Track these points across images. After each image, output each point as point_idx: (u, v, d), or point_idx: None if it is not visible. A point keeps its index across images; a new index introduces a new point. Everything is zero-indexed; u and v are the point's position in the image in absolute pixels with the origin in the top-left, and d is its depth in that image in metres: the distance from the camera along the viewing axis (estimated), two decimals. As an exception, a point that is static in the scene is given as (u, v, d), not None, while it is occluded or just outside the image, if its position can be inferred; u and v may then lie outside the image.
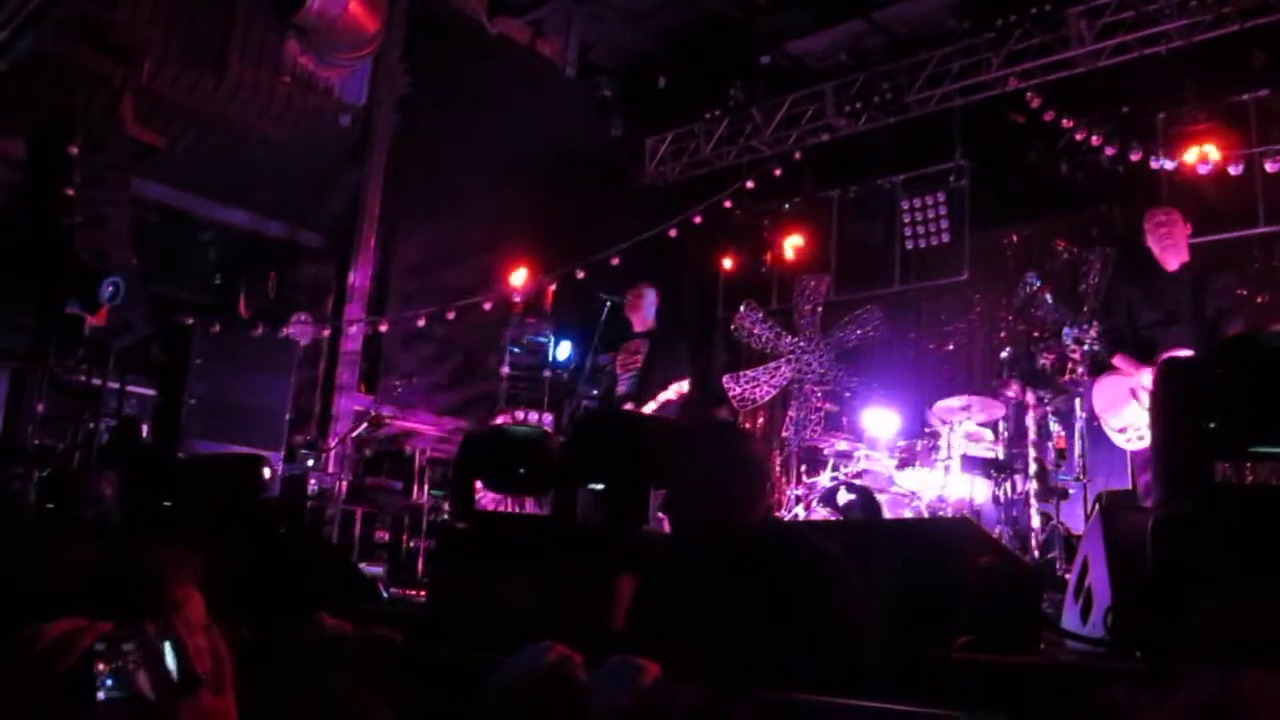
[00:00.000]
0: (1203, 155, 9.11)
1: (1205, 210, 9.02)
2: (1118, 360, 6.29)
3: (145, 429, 8.74)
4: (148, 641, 1.39)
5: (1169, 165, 9.24)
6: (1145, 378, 6.02)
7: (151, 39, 9.43)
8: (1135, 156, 9.33)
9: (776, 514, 8.66)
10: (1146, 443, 6.01)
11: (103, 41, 9.22)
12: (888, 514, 7.95)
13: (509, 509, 8.10)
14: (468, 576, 4.58)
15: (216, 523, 4.89)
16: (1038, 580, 4.13)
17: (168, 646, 1.38)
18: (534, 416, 9.71)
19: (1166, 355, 5.76)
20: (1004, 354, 9.73)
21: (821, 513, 8.24)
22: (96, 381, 8.08)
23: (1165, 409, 3.30)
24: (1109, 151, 9.50)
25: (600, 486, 4.51)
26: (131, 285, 7.75)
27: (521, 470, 4.81)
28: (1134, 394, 6.15)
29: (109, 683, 1.36)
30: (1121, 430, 6.29)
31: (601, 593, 3.31)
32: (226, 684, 1.45)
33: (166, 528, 6.05)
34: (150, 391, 9.08)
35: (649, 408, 7.62)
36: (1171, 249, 6.25)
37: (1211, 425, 2.94)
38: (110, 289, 7.46)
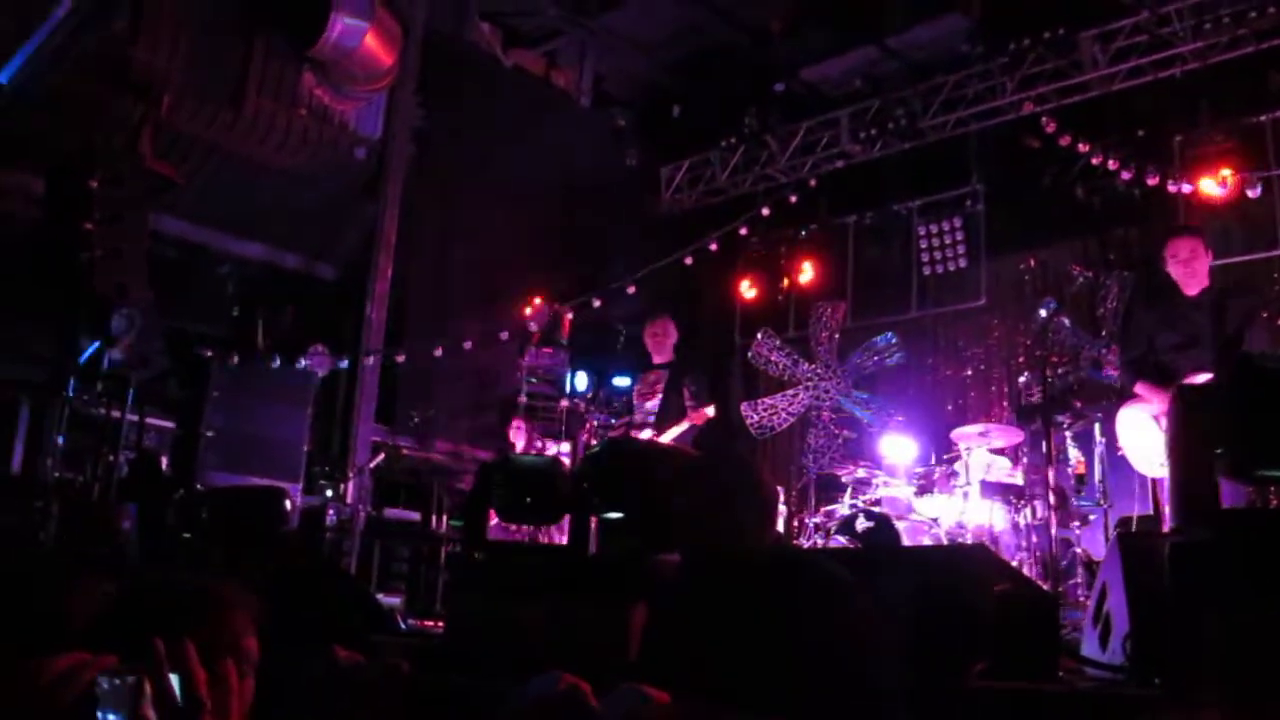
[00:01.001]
0: (1220, 178, 9.06)
1: (1223, 232, 8.98)
2: (1139, 388, 6.23)
3: (164, 461, 8.77)
4: (153, 676, 1.39)
5: (1186, 188, 9.19)
6: (1165, 404, 5.98)
7: (170, 74, 9.52)
8: (1152, 180, 9.28)
9: (790, 542, 8.61)
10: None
11: (122, 77, 9.31)
12: (907, 541, 7.90)
13: (541, 538, 8.10)
14: (483, 607, 4.57)
15: (238, 554, 4.91)
16: (1055, 607, 4.09)
17: (175, 680, 1.38)
18: (551, 446, 9.70)
19: (1185, 381, 5.73)
20: (1022, 379, 9.70)
21: (840, 540, 8.19)
22: (115, 414, 8.12)
23: (1178, 435, 3.29)
24: (1125, 175, 9.46)
25: (616, 515, 4.50)
26: (147, 318, 7.79)
27: (529, 500, 4.80)
28: (1157, 421, 6.10)
29: (111, 717, 1.36)
30: (1144, 458, 6.24)
31: (616, 621, 3.30)
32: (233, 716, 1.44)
33: (187, 560, 6.06)
34: (169, 424, 9.12)
35: (667, 437, 7.62)
36: (1191, 279, 6.19)
37: (1219, 450, 2.93)
38: (122, 322, 7.50)
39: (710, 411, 7.75)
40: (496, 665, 3.60)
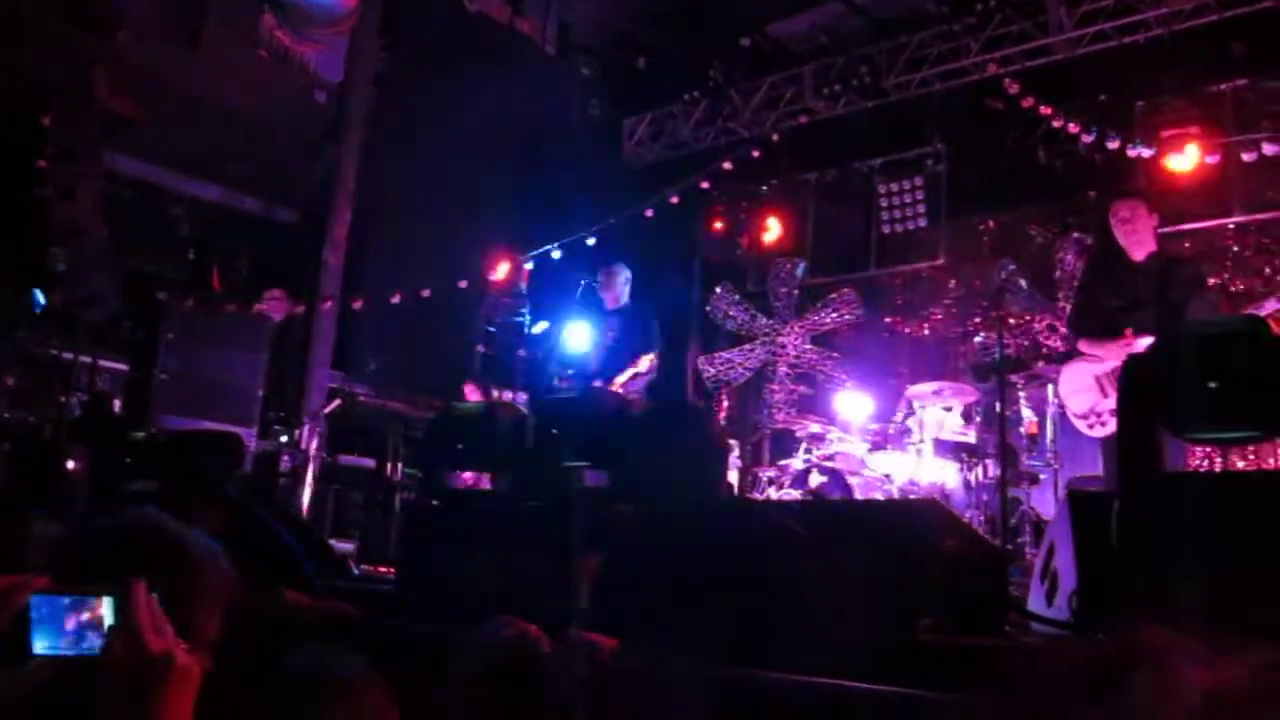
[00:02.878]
0: (1180, 144, 9.14)
1: (1181, 199, 9.06)
2: (1083, 345, 6.31)
3: (117, 404, 8.70)
4: (88, 595, 1.38)
5: (1146, 153, 9.25)
6: (1108, 364, 6.05)
7: (126, 9, 9.34)
8: (1113, 144, 9.34)
9: (745, 494, 8.67)
10: (1108, 429, 6.04)
11: (77, 11, 9.13)
12: (860, 496, 7.98)
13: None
14: (435, 554, 4.58)
15: (192, 498, 4.88)
16: (1003, 563, 4.15)
17: (106, 603, 1.37)
18: (508, 395, 9.69)
19: (1128, 342, 5.82)
20: (978, 339, 9.79)
21: (794, 494, 8.26)
22: (67, 355, 8.04)
23: (1123, 398, 3.36)
24: (1086, 139, 9.51)
25: (581, 465, 4.51)
26: (96, 257, 7.70)
27: (461, 446, 4.81)
28: (1098, 381, 6.17)
29: (45, 635, 1.36)
30: (1083, 416, 6.31)
31: (566, 570, 3.31)
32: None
33: (136, 503, 6.02)
34: (122, 366, 9.03)
35: (617, 382, 7.61)
36: (1135, 242, 6.24)
37: (1159, 413, 3.01)
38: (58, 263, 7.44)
39: (654, 359, 7.72)
40: (447, 612, 3.61)
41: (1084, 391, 6.27)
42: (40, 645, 1.35)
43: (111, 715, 1.23)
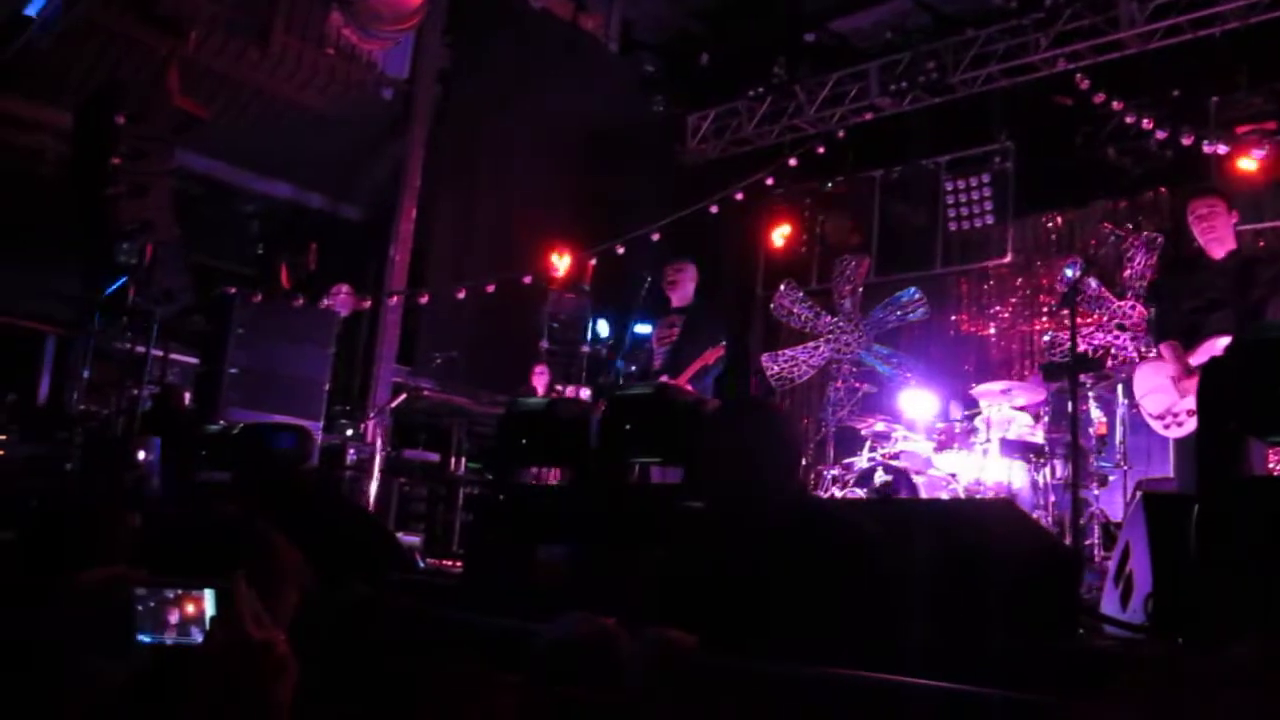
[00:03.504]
0: (1256, 140, 8.95)
1: (1257, 196, 8.89)
2: (1164, 348, 6.19)
3: (187, 397, 8.84)
4: (190, 587, 1.40)
5: (1221, 150, 9.08)
6: (1184, 366, 5.95)
7: (197, 9, 9.48)
8: (1186, 141, 9.16)
9: (812, 492, 8.62)
10: (1184, 430, 5.94)
11: (149, 12, 9.28)
12: (925, 495, 7.91)
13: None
14: (503, 547, 4.60)
15: (262, 490, 4.95)
16: (1079, 564, 4.10)
17: (208, 595, 1.40)
18: (571, 390, 9.71)
19: (1208, 343, 5.70)
20: (1046, 338, 9.66)
21: (858, 493, 8.20)
22: (140, 349, 8.17)
23: (1203, 400, 3.31)
24: (1159, 136, 9.34)
25: (648, 460, 4.50)
26: (170, 253, 7.83)
27: (525, 442, 4.83)
28: (1174, 382, 6.07)
29: (147, 625, 1.38)
30: (1159, 417, 6.20)
31: (634, 564, 3.32)
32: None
33: (207, 494, 6.12)
34: (193, 360, 9.17)
35: (684, 378, 7.58)
36: (1215, 240, 6.11)
37: (1238, 416, 2.95)
38: (131, 253, 7.56)
39: (720, 353, 7.66)
40: (513, 605, 3.62)
41: (1159, 392, 6.16)
42: (144, 636, 1.38)
43: (216, 703, 1.25)
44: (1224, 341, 5.66)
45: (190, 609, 1.40)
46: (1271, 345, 3.03)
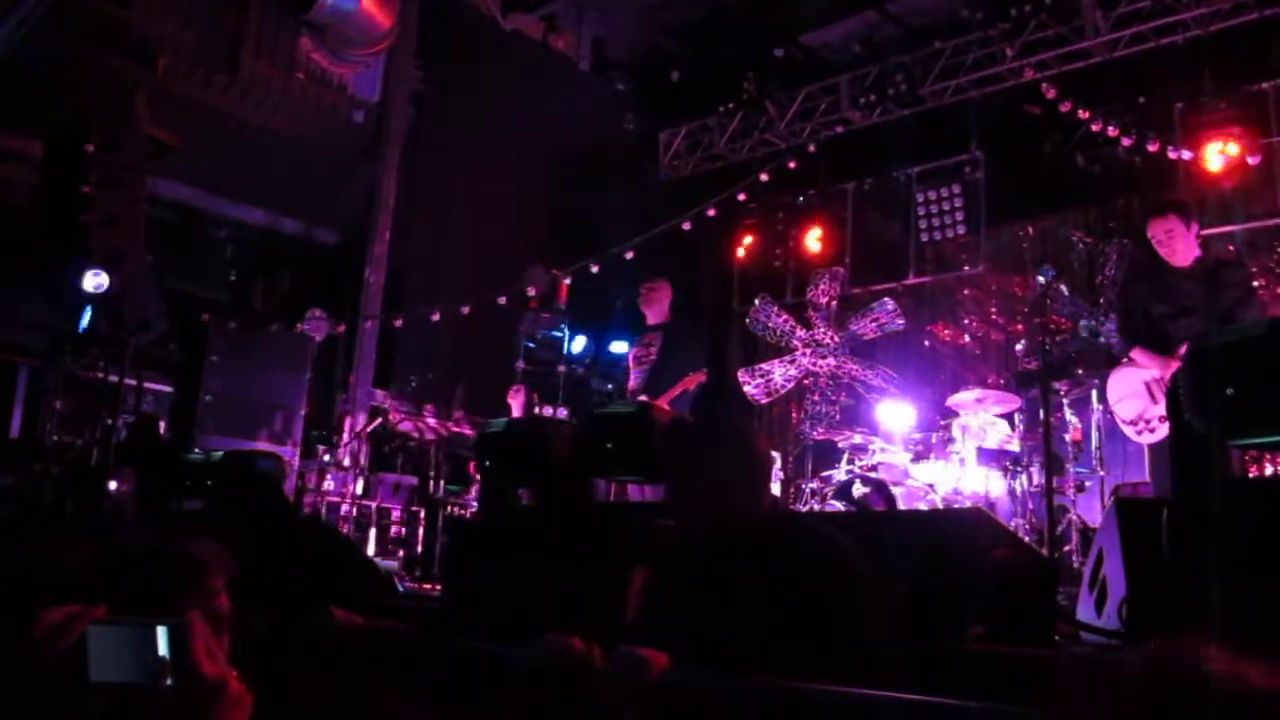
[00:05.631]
0: (1221, 146, 9.03)
1: (1224, 201, 8.96)
2: (1136, 353, 6.22)
3: (162, 426, 8.79)
4: (144, 626, 1.40)
5: (1187, 156, 9.16)
6: (1157, 371, 5.99)
7: (165, 37, 9.47)
8: (1152, 147, 9.25)
9: (788, 506, 8.63)
10: (1157, 436, 5.98)
11: (118, 40, 9.26)
12: (903, 506, 7.92)
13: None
14: (481, 570, 4.59)
15: (237, 518, 4.92)
16: (1053, 572, 4.12)
17: (161, 632, 1.39)
18: (548, 411, 9.70)
19: (1181, 349, 5.72)
20: (1020, 346, 9.70)
21: (837, 506, 8.21)
22: (114, 378, 8.13)
23: (1173, 404, 3.33)
24: (1126, 142, 9.43)
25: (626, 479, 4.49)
26: (147, 283, 7.79)
27: (506, 462, 4.82)
28: (1147, 388, 6.11)
29: (102, 664, 1.38)
30: (1132, 423, 6.24)
31: (614, 584, 3.31)
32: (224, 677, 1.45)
33: (186, 522, 6.08)
34: (167, 388, 9.13)
35: (664, 399, 7.60)
36: (1175, 254, 6.08)
37: (1212, 419, 2.97)
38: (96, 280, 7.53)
39: (702, 378, 7.71)
40: (494, 628, 3.62)
41: (1133, 398, 6.20)
42: (97, 673, 1.37)
43: None
44: (1197, 347, 5.71)
45: (142, 646, 1.38)
46: (1234, 348, 3.05)
